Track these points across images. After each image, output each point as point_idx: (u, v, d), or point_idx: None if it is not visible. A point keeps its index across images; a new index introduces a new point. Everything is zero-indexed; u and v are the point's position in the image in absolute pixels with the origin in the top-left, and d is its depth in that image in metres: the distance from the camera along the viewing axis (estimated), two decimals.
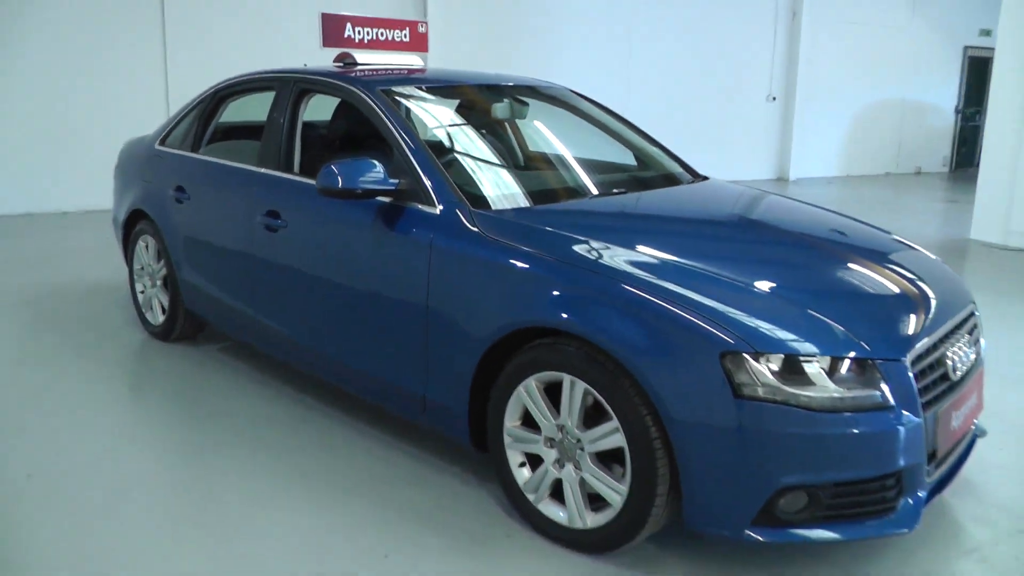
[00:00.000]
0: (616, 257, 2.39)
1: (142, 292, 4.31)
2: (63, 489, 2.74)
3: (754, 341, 2.06)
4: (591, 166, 3.37)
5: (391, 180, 2.78)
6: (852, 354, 2.12)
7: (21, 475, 2.83)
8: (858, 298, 2.45)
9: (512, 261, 2.47)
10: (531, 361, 2.38)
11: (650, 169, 3.60)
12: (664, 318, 2.16)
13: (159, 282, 4.14)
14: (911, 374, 2.16)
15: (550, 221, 2.66)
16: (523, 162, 3.49)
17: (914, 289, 2.57)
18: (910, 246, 3.03)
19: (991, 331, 4.71)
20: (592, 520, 2.33)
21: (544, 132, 3.81)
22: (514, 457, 2.51)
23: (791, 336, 2.11)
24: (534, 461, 2.49)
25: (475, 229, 2.61)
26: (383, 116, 3.01)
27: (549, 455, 2.41)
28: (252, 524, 2.55)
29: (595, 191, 3.14)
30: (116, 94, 7.83)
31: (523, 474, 2.50)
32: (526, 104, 3.69)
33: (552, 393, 2.39)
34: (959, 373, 2.38)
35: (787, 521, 2.13)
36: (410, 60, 3.91)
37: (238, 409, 3.41)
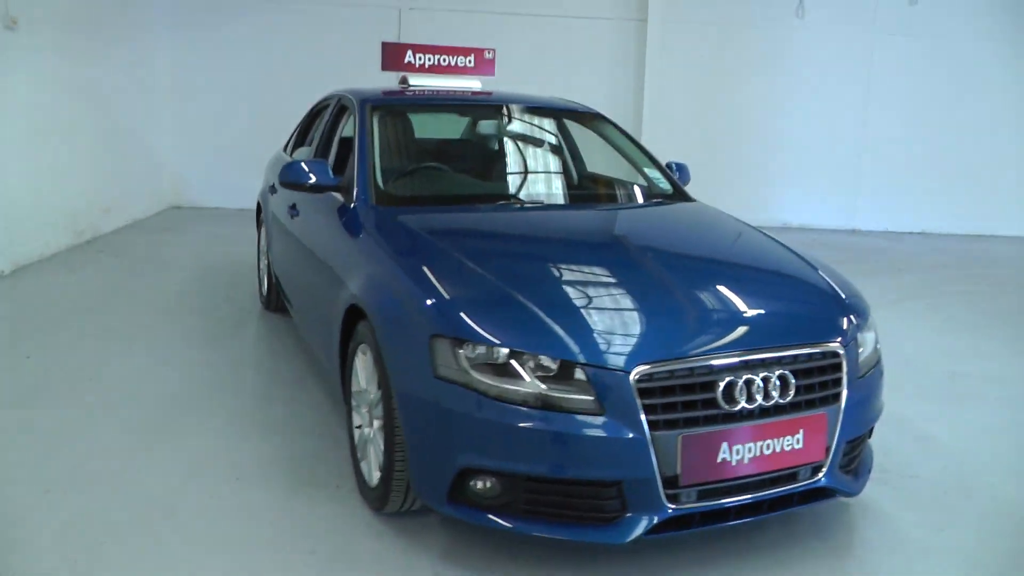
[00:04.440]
0: (423, 250, 2.71)
1: (261, 268, 5.33)
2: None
3: (460, 330, 2.24)
4: (540, 180, 3.61)
5: (335, 177, 3.32)
6: (564, 358, 2.18)
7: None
8: (628, 312, 2.46)
9: (364, 248, 2.88)
10: (359, 332, 2.74)
11: (625, 187, 3.72)
12: (404, 298, 2.43)
13: (265, 259, 5.11)
14: (635, 388, 2.15)
15: (421, 222, 2.99)
16: (472, 172, 3.83)
17: (723, 312, 2.47)
18: (820, 280, 2.79)
19: None
20: (375, 479, 2.62)
21: (517, 147, 4.04)
22: (354, 418, 2.87)
23: (502, 331, 2.23)
24: None
25: (365, 221, 3.04)
26: (356, 126, 3.56)
27: (366, 418, 2.74)
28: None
29: (507, 201, 3.47)
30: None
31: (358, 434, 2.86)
32: (505, 122, 3.99)
33: None
34: (740, 405, 2.25)
35: (487, 505, 2.24)
36: (467, 83, 4.39)
37: (278, 392, 3.80)
